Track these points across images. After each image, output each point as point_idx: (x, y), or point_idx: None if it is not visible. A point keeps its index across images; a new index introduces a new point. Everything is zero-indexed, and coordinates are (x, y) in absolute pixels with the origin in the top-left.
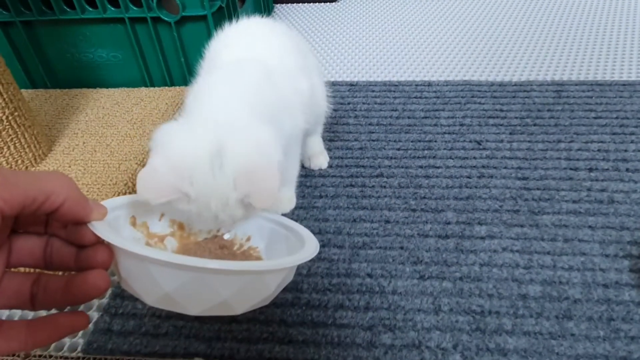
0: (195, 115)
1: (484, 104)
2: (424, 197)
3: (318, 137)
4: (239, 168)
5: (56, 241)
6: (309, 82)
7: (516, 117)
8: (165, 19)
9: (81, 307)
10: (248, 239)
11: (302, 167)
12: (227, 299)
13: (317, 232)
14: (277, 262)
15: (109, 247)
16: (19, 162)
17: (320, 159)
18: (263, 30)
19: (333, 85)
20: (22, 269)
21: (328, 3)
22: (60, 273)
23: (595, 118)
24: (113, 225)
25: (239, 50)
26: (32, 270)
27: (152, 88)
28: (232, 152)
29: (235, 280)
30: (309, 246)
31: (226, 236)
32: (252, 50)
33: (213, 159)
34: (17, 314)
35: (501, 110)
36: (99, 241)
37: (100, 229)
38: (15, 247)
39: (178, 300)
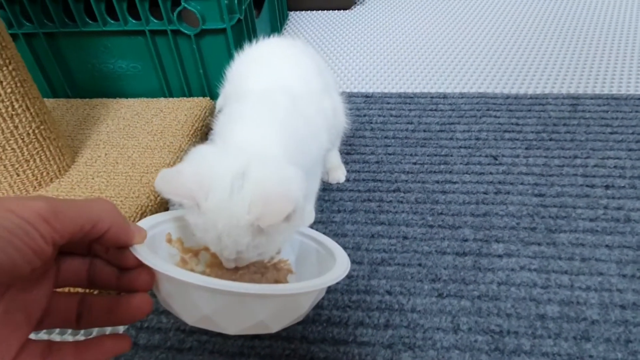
0: (228, 141)
1: (499, 117)
2: (441, 213)
3: (336, 151)
4: (258, 193)
5: (99, 262)
6: (331, 101)
7: (532, 132)
8: (185, 31)
9: None
10: (278, 252)
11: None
12: (264, 320)
13: None
14: (311, 284)
15: (150, 270)
16: (44, 174)
17: (338, 173)
18: (284, 52)
19: (349, 97)
20: (68, 290)
21: (342, 11)
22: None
23: (611, 133)
24: (150, 244)
25: (263, 76)
26: (77, 290)
27: (170, 99)
28: (255, 179)
29: (272, 302)
30: (340, 263)
31: None
32: (275, 75)
33: (235, 180)
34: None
35: (517, 124)
36: (140, 264)
37: (142, 253)
38: (62, 268)
39: (217, 321)
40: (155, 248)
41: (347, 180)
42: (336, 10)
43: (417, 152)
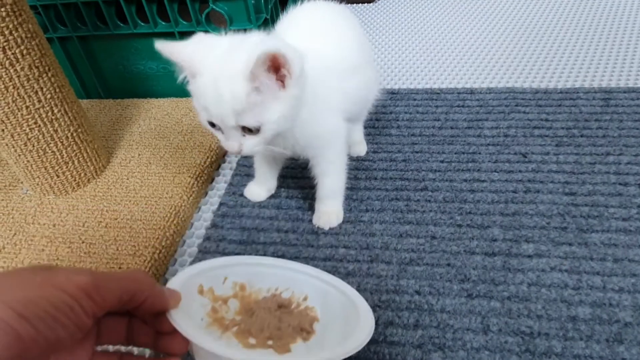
0: None
1: (528, 113)
2: (470, 213)
3: (360, 126)
4: (257, 49)
5: (136, 321)
6: (372, 71)
7: (562, 128)
8: (214, 32)
9: None
10: (305, 299)
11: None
12: None
13: (364, 247)
14: (337, 353)
15: (184, 337)
16: (82, 175)
17: (360, 148)
18: (329, 19)
19: None
20: (109, 348)
21: (366, 4)
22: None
23: None
24: (184, 297)
25: (308, 37)
26: (117, 349)
27: None
28: (256, 39)
29: None
30: (364, 324)
31: (284, 294)
32: (320, 40)
33: (233, 41)
34: None
35: (546, 120)
36: (176, 329)
37: (177, 320)
38: (102, 328)
39: None
40: (189, 299)
41: (375, 178)
42: (360, 4)
43: (444, 150)
